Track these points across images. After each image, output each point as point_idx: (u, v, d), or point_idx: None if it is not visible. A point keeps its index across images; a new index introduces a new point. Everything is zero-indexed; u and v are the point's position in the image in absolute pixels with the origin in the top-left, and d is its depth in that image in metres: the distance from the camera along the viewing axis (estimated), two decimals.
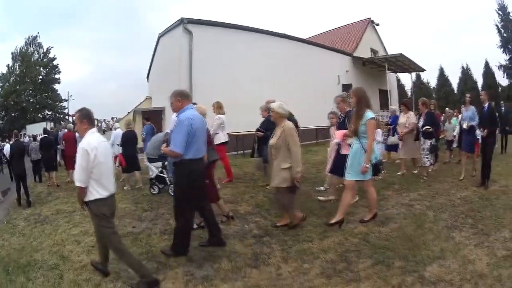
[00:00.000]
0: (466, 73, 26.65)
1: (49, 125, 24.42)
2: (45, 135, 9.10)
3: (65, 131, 10.39)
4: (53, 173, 8.21)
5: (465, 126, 5.84)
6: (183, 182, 3.22)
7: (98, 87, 64.06)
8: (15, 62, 34.76)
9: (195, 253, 3.40)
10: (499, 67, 24.30)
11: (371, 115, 3.72)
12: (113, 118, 28.80)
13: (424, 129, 5.88)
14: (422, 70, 21.06)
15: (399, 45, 70.95)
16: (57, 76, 37.23)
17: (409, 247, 3.25)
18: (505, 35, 23.75)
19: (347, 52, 19.22)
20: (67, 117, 34.33)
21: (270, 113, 4.00)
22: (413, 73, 22.97)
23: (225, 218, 4.23)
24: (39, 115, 35.28)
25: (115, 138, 7.78)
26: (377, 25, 23.03)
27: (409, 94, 25.86)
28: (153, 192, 6.13)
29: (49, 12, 62.65)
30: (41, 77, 35.97)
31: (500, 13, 23.88)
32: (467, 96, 6.25)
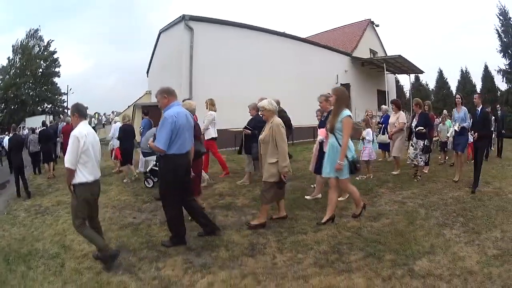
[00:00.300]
0: (465, 76, 26.62)
1: (48, 118, 24.36)
2: (43, 128, 9.20)
3: (64, 124, 10.49)
4: (51, 164, 8.39)
5: (456, 127, 5.91)
6: (168, 176, 3.35)
7: (99, 81, 63.98)
8: (16, 55, 34.60)
9: (194, 242, 3.51)
10: (498, 71, 24.28)
11: (348, 113, 3.80)
12: (113, 112, 28.88)
13: (417, 129, 5.91)
14: (421, 72, 21.09)
15: (398, 47, 71.26)
16: (57, 69, 37.27)
17: (400, 241, 3.32)
18: (505, 40, 23.65)
19: (346, 52, 19.24)
20: (66, 110, 34.20)
21: (259, 112, 4.08)
22: (412, 75, 23.02)
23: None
24: (39, 108, 35.16)
25: (115, 132, 7.87)
26: (377, 26, 23.06)
27: (407, 96, 25.92)
28: (147, 186, 6.22)
29: (50, 5, 62.33)
30: (41, 70, 35.88)
31: (501, 18, 23.77)
32: (457, 97, 6.25)
